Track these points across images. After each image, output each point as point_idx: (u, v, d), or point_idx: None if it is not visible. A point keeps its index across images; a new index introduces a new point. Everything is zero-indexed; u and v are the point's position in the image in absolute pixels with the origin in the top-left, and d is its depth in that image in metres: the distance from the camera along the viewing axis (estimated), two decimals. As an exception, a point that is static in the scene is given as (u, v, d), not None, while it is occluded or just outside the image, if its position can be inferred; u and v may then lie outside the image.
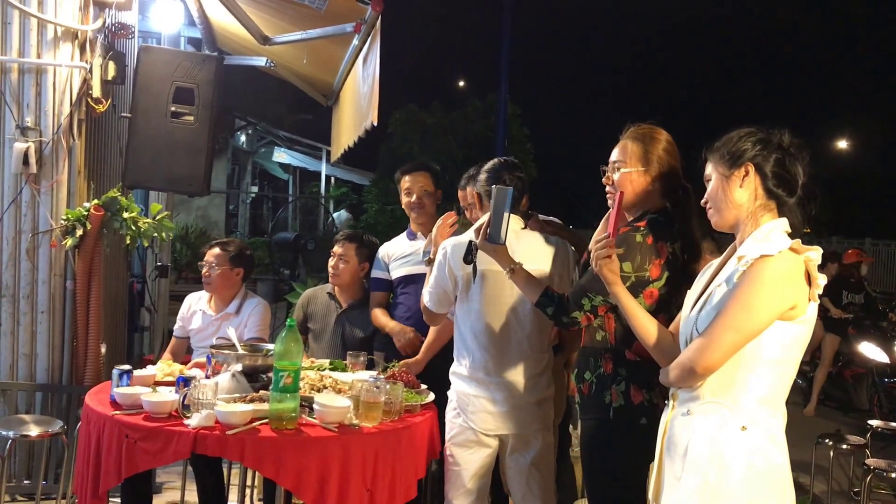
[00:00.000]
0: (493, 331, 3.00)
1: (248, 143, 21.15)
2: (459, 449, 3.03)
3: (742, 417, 1.99)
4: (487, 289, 2.99)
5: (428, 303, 3.20)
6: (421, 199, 3.87)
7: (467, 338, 3.05)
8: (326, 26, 5.15)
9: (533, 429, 3.01)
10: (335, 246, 4.06)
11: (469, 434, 3.01)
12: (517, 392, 2.97)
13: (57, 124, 4.27)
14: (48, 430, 3.67)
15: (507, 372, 2.98)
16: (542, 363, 3.05)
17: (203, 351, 3.91)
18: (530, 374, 3.00)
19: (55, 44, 4.28)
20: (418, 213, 3.88)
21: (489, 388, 2.99)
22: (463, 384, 3.05)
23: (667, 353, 2.19)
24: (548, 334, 3.05)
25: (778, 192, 2.07)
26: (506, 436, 3.01)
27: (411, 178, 3.90)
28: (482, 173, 3.15)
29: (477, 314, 3.02)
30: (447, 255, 3.08)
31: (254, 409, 2.68)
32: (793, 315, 1.97)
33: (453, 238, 3.18)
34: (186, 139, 4.48)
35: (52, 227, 4.27)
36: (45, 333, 4.29)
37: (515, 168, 3.12)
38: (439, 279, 3.12)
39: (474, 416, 3.00)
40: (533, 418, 3.00)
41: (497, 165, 3.13)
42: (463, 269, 3.01)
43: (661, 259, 2.49)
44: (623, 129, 2.68)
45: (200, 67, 4.53)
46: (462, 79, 23.02)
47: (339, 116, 7.30)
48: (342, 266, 4.00)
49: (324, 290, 4.15)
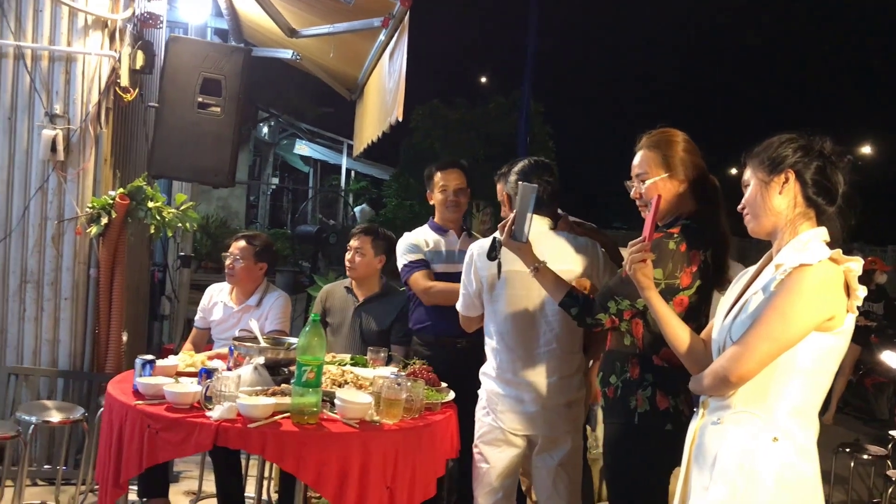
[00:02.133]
0: (519, 332, 2.98)
1: (271, 134, 21.23)
2: (488, 447, 3.02)
3: (774, 428, 1.95)
4: (513, 289, 2.97)
5: (459, 307, 3.20)
6: (457, 197, 3.84)
7: (494, 339, 3.04)
8: (354, 20, 5.13)
9: (562, 430, 2.98)
10: (351, 240, 4.05)
11: (497, 433, 3.00)
12: (547, 393, 2.95)
13: (85, 112, 4.29)
14: (70, 416, 3.69)
15: (536, 373, 2.96)
16: (574, 364, 3.02)
17: (224, 342, 3.92)
18: (560, 375, 2.97)
19: (85, 32, 4.30)
20: (453, 211, 3.86)
21: (518, 388, 2.97)
22: (492, 384, 3.03)
23: (698, 360, 2.16)
24: (579, 335, 3.01)
25: (818, 201, 2.03)
26: (534, 436, 2.99)
27: (445, 175, 3.86)
28: (512, 174, 3.12)
29: (503, 315, 3.00)
30: (473, 257, 3.08)
31: (276, 403, 2.67)
32: (830, 326, 1.93)
33: (480, 241, 3.17)
34: (212, 130, 4.48)
35: (77, 214, 4.29)
36: (68, 320, 4.32)
37: (546, 170, 3.08)
38: (466, 283, 3.12)
39: (503, 416, 2.98)
40: (562, 420, 2.98)
41: (527, 167, 3.09)
42: (488, 270, 2.99)
43: (692, 267, 2.46)
44: (636, 139, 2.65)
45: (228, 59, 4.53)
46: (486, 75, 22.93)
47: (362, 111, 7.30)
48: (358, 259, 3.99)
49: (342, 284, 4.15)
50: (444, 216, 3.90)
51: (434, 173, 3.91)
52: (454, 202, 3.85)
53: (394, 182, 17.99)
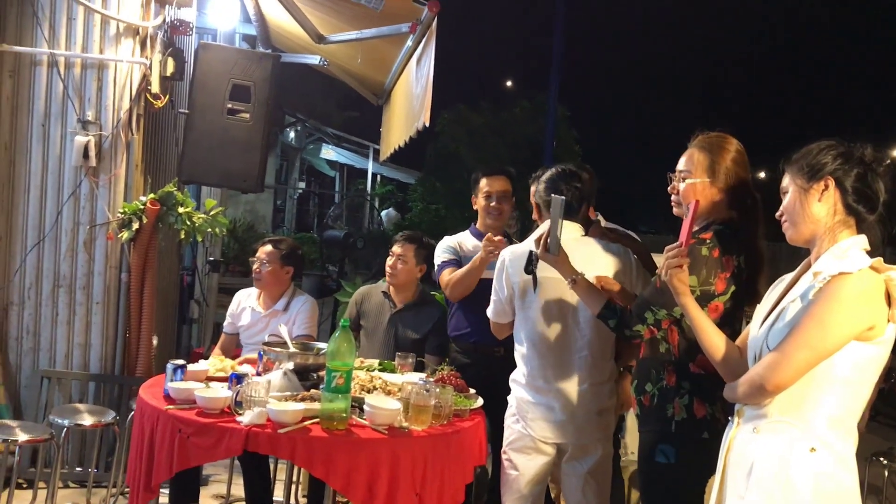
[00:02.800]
0: (551, 339, 2.95)
1: (297, 139, 21.35)
2: (517, 454, 3.00)
3: (811, 438, 1.92)
4: (545, 296, 2.95)
5: (490, 313, 3.19)
6: (500, 204, 3.83)
7: (525, 345, 3.02)
8: (382, 26, 5.15)
9: (593, 438, 2.96)
10: (394, 245, 4.03)
11: (527, 440, 2.98)
12: (577, 401, 2.92)
13: (116, 119, 4.34)
14: (101, 420, 3.73)
15: (567, 381, 2.93)
16: (605, 372, 3.00)
17: (252, 347, 3.95)
18: (592, 383, 2.94)
19: (117, 40, 4.35)
20: (495, 218, 3.85)
21: (548, 396, 2.94)
22: (522, 391, 3.01)
23: (733, 368, 2.13)
24: (611, 343, 2.99)
25: (858, 209, 2.00)
26: (564, 444, 2.97)
27: (490, 181, 3.85)
28: (540, 183, 3.12)
29: (534, 322, 2.98)
30: (505, 263, 3.07)
31: (305, 409, 2.68)
32: (870, 336, 1.89)
33: (512, 247, 3.16)
34: (242, 136, 4.52)
35: (109, 219, 4.34)
36: (99, 324, 4.37)
37: (573, 177, 3.06)
38: (498, 289, 3.11)
39: (533, 424, 2.96)
40: (593, 428, 2.95)
41: (554, 175, 3.08)
42: (521, 277, 2.97)
43: (727, 273, 2.43)
44: (692, 136, 2.62)
45: (257, 65, 4.57)
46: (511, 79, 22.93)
47: (389, 116, 7.31)
48: (400, 266, 3.98)
49: (378, 288, 4.14)
50: (485, 222, 3.88)
51: (479, 178, 3.90)
52: (497, 209, 3.83)
53: (419, 186, 18.02)
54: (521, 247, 3.08)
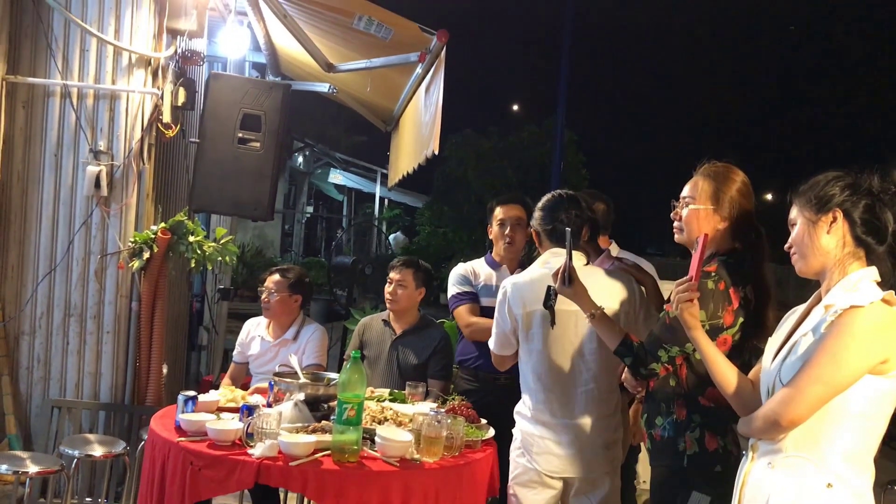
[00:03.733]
0: (556, 372, 2.92)
1: (305, 164, 21.48)
2: (523, 489, 2.96)
3: (827, 474, 1.90)
4: (545, 330, 2.90)
5: (492, 346, 3.14)
6: (513, 232, 3.79)
7: (529, 379, 2.98)
8: (391, 55, 5.19)
9: (601, 472, 2.91)
10: (391, 272, 4.05)
11: (533, 475, 2.93)
12: (584, 434, 2.89)
13: (128, 149, 4.38)
14: (112, 450, 3.72)
15: (573, 414, 2.90)
16: (612, 404, 2.97)
17: (262, 376, 3.94)
18: (598, 416, 2.91)
19: (129, 70, 4.40)
20: (507, 249, 3.81)
21: (555, 429, 2.91)
22: (527, 424, 2.97)
23: (746, 402, 2.11)
24: (616, 374, 2.95)
25: (867, 240, 1.99)
26: (571, 478, 2.93)
27: (508, 210, 3.82)
28: (537, 211, 3.09)
29: (539, 355, 2.95)
30: (507, 294, 3.01)
31: (316, 441, 2.68)
32: (884, 369, 1.88)
33: (514, 277, 3.13)
34: (252, 165, 4.54)
35: (120, 248, 4.36)
36: (109, 353, 4.37)
37: (572, 204, 3.03)
38: (499, 321, 3.05)
39: (539, 458, 2.92)
40: (601, 461, 2.91)
41: (551, 203, 3.05)
42: (523, 309, 2.95)
43: (733, 305, 2.42)
44: (698, 164, 2.62)
45: (267, 95, 4.60)
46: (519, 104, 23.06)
47: (398, 143, 7.35)
48: (400, 292, 3.99)
49: (379, 317, 4.15)
50: (499, 251, 3.87)
51: (494, 207, 3.88)
52: (510, 237, 3.79)
53: (427, 210, 18.09)
54: (522, 277, 3.05)
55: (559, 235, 2.97)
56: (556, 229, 2.99)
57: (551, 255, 3.00)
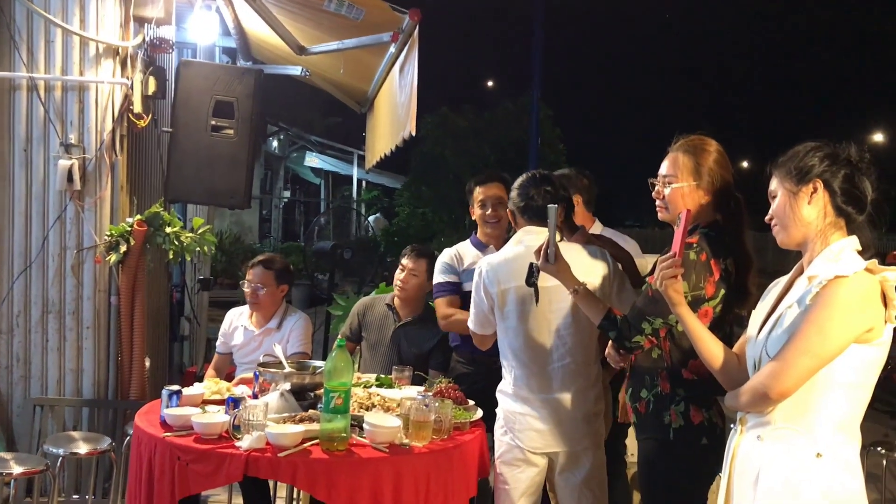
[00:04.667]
0: (532, 347, 2.95)
1: (280, 148, 21.32)
2: (508, 467, 2.99)
3: (817, 444, 1.92)
4: (523, 305, 2.94)
5: (472, 325, 3.17)
6: (497, 211, 3.73)
7: (508, 356, 3.02)
8: (363, 36, 5.13)
9: (583, 446, 2.94)
10: (405, 259, 3.98)
11: (517, 452, 2.96)
12: (563, 408, 2.91)
13: (100, 141, 4.30)
14: (97, 447, 3.69)
15: (552, 388, 2.93)
16: (590, 377, 2.98)
17: (247, 366, 3.92)
18: (576, 389, 2.93)
19: (97, 61, 4.31)
20: (493, 226, 3.76)
21: (534, 405, 2.93)
22: (509, 402, 3.00)
23: (733, 376, 2.12)
24: (593, 346, 2.98)
25: (847, 210, 2.00)
26: (554, 454, 2.95)
27: (484, 189, 3.75)
28: (513, 190, 3.11)
29: (515, 332, 2.97)
30: (482, 275, 3.04)
31: (305, 430, 2.66)
32: (869, 338, 1.89)
33: (488, 257, 3.14)
34: (227, 152, 4.48)
35: (96, 243, 4.30)
36: (90, 349, 4.32)
37: (544, 182, 3.05)
38: (477, 301, 3.08)
39: (521, 435, 2.95)
40: (582, 435, 2.94)
41: (525, 182, 3.08)
42: (498, 287, 2.97)
43: (714, 276, 2.43)
44: (672, 140, 2.62)
45: (239, 81, 4.53)
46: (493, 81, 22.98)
47: (374, 124, 7.29)
48: (413, 281, 3.94)
49: (382, 300, 4.10)
50: (484, 231, 3.81)
51: (473, 187, 3.81)
52: (494, 216, 3.74)
53: (405, 191, 18.02)
54: (497, 257, 3.07)
55: (532, 213, 3.00)
56: (530, 206, 3.02)
57: (524, 234, 3.03)
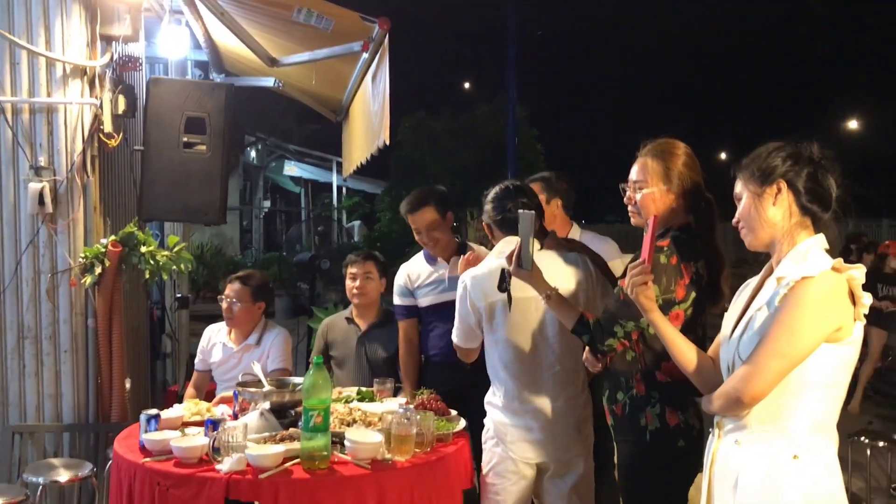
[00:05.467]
0: (522, 358, 2.95)
1: (259, 158, 21.24)
2: (499, 479, 2.98)
3: (793, 446, 1.92)
4: (512, 316, 2.93)
5: (456, 339, 3.17)
6: (431, 235, 3.71)
7: (498, 368, 3.01)
8: (334, 46, 5.10)
9: (574, 452, 2.95)
10: (352, 267, 3.99)
11: (509, 464, 2.96)
12: (556, 417, 2.92)
13: (70, 162, 4.25)
14: (78, 473, 3.64)
15: (543, 398, 2.93)
16: (578, 383, 3.00)
17: (226, 384, 3.89)
18: (567, 397, 2.95)
19: (64, 81, 4.26)
20: (434, 249, 3.77)
21: (526, 416, 2.93)
22: (499, 414, 3.00)
23: (707, 379, 2.13)
24: (580, 352, 2.96)
25: (812, 208, 2.01)
26: (545, 462, 2.96)
27: (416, 217, 3.73)
28: (487, 203, 3.12)
29: (504, 344, 2.97)
30: (467, 288, 3.04)
31: (285, 450, 2.64)
32: (839, 337, 1.90)
33: (472, 270, 3.13)
34: (200, 169, 4.44)
35: (70, 265, 4.25)
36: (69, 373, 4.26)
37: (519, 193, 3.07)
38: (463, 314, 3.08)
39: (513, 446, 2.95)
40: (573, 443, 2.95)
41: (499, 194, 3.09)
42: (486, 301, 2.97)
43: (685, 279, 2.44)
44: (640, 145, 2.63)
45: (210, 96, 4.50)
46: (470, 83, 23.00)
47: (349, 132, 7.27)
48: (370, 284, 3.96)
49: (341, 316, 4.12)
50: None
51: (405, 215, 3.80)
52: (428, 241, 3.73)
53: (386, 196, 17.99)
54: (480, 269, 3.07)
55: (510, 226, 3.00)
56: (506, 219, 3.02)
57: (505, 244, 3.01)
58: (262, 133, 19.24)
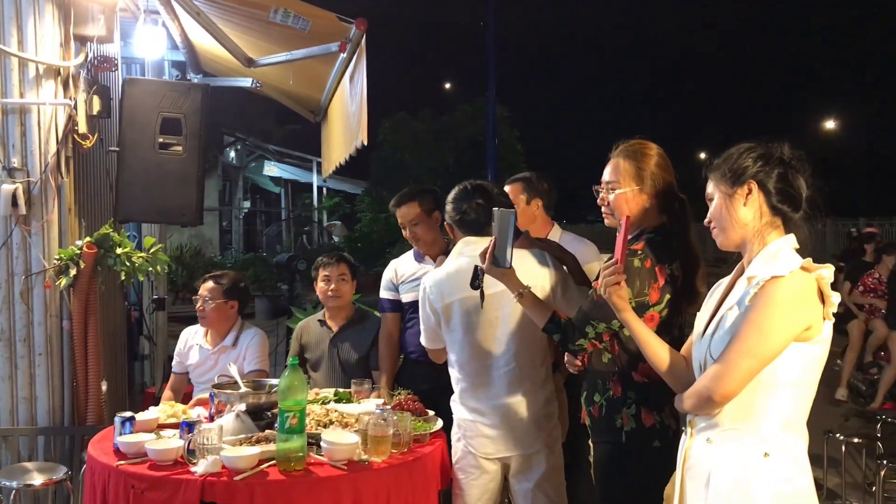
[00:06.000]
0: (478, 357, 2.98)
1: (238, 158, 21.12)
2: (462, 474, 3.03)
3: (764, 444, 1.94)
4: (467, 317, 2.98)
5: (423, 341, 3.22)
6: (412, 230, 3.73)
7: (455, 367, 3.06)
8: (311, 46, 5.09)
9: (535, 449, 2.96)
10: (325, 270, 3.99)
11: (470, 459, 3.00)
12: (513, 412, 2.94)
13: (44, 163, 4.21)
14: (52, 477, 3.61)
15: (499, 394, 2.96)
16: (537, 379, 3.00)
17: (203, 386, 3.87)
18: (524, 392, 2.96)
19: (38, 82, 4.21)
20: (416, 245, 3.80)
21: (483, 412, 2.97)
22: (461, 409, 3.05)
23: (680, 378, 2.14)
24: (541, 349, 3.00)
25: (783, 209, 2.03)
26: (507, 458, 2.98)
27: (400, 212, 3.76)
28: (447, 204, 3.15)
29: (461, 344, 3.01)
30: (427, 291, 3.08)
31: (261, 452, 2.64)
32: (809, 336, 1.92)
33: (431, 273, 3.16)
34: (176, 170, 4.41)
35: (45, 267, 4.20)
36: (43, 376, 4.22)
37: (476, 193, 3.07)
38: (424, 318, 3.13)
39: (473, 441, 2.99)
40: (534, 438, 2.96)
41: (458, 195, 3.11)
42: (443, 302, 3.01)
43: (659, 282, 2.45)
44: (613, 146, 2.64)
45: (186, 97, 4.47)
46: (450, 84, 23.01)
47: (328, 133, 7.26)
48: (345, 286, 3.97)
49: (315, 318, 4.14)
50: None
51: (393, 210, 3.82)
52: (412, 237, 3.75)
53: (366, 196, 17.96)
54: (439, 272, 3.10)
55: (468, 226, 3.05)
56: (464, 220, 3.06)
57: (464, 245, 3.06)
58: (241, 133, 19.13)
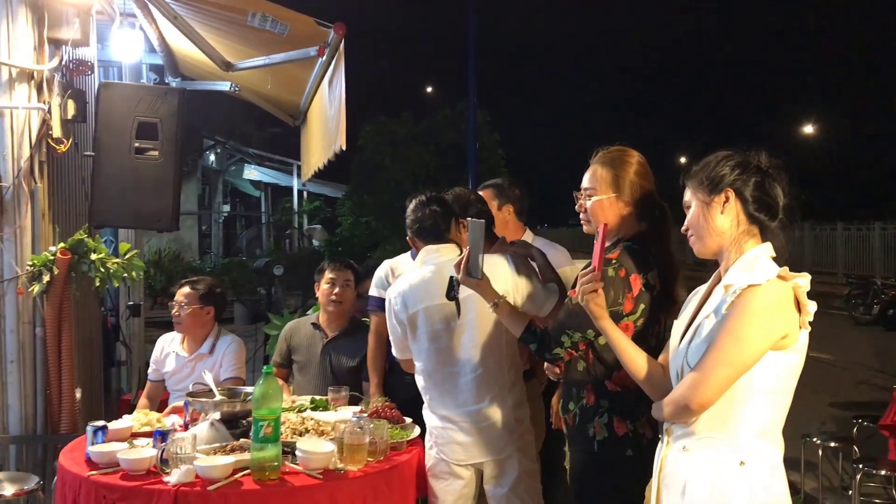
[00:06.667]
0: (443, 364, 2.98)
1: (218, 161, 20.99)
2: (435, 480, 3.02)
3: (740, 452, 1.94)
4: (431, 325, 2.98)
5: (395, 352, 3.21)
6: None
7: (422, 376, 3.05)
8: (290, 50, 5.06)
9: (506, 454, 2.95)
10: (330, 272, 3.97)
11: (443, 465, 2.99)
12: (482, 418, 2.94)
13: (17, 168, 4.14)
14: (23, 487, 3.56)
15: (467, 401, 2.95)
16: (505, 384, 2.99)
17: (179, 394, 3.83)
18: (492, 397, 2.94)
19: (10, 86, 4.15)
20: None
21: (453, 419, 2.96)
22: (432, 417, 3.04)
23: (657, 386, 2.14)
24: (503, 352, 2.98)
25: (760, 217, 2.03)
26: (479, 464, 2.98)
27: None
28: (407, 216, 3.17)
29: (426, 353, 3.01)
30: (392, 303, 3.08)
31: (235, 461, 2.61)
32: (785, 344, 1.92)
33: (394, 285, 3.16)
34: (152, 175, 4.37)
35: (17, 273, 4.14)
36: (15, 384, 4.15)
37: (430, 202, 3.11)
38: (392, 329, 3.13)
39: (445, 448, 2.98)
40: (505, 443, 2.94)
41: (414, 206, 3.15)
42: (407, 313, 3.01)
43: (633, 292, 2.44)
44: (593, 152, 2.63)
45: (162, 101, 4.42)
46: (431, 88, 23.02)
47: (307, 137, 7.22)
48: (349, 292, 3.97)
49: (307, 320, 4.08)
50: None
51: None
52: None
53: (347, 200, 17.90)
54: (403, 284, 3.08)
55: (426, 234, 3.09)
56: (422, 228, 3.09)
57: (426, 254, 3.07)
58: (220, 136, 19.02)
